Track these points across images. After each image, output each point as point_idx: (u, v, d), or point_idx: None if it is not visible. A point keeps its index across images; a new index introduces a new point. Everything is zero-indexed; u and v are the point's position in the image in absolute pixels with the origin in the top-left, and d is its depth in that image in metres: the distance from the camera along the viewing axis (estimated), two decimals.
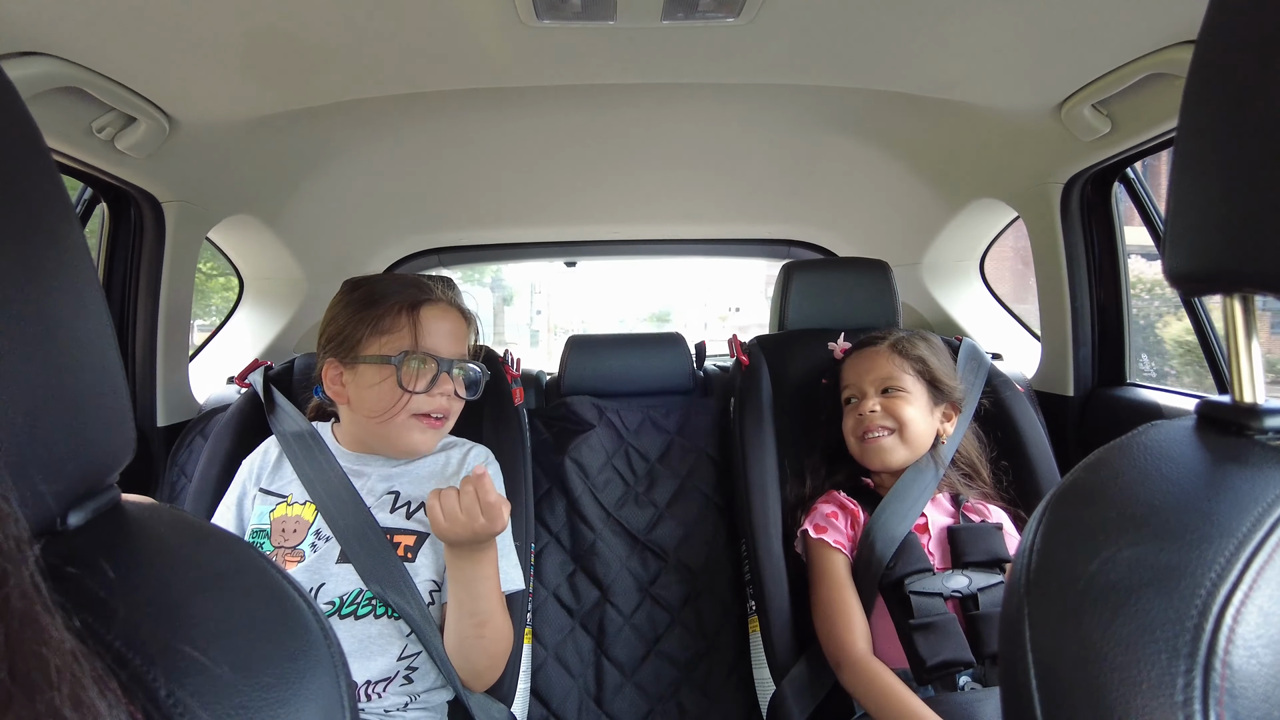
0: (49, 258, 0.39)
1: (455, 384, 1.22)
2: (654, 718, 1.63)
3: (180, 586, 0.42)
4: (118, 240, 1.60)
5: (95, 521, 0.44)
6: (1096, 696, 0.41)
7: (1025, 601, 0.46)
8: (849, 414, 1.45)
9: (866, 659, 1.21)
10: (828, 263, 2.18)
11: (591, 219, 2.25)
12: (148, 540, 0.45)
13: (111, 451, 0.44)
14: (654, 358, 1.96)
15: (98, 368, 0.42)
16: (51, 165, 0.41)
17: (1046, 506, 0.50)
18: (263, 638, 0.42)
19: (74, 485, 0.42)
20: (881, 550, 1.29)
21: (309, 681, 0.42)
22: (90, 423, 0.41)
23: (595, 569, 1.73)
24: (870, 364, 1.45)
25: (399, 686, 1.13)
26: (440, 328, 1.22)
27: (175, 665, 0.37)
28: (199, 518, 0.50)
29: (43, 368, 0.38)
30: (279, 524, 1.18)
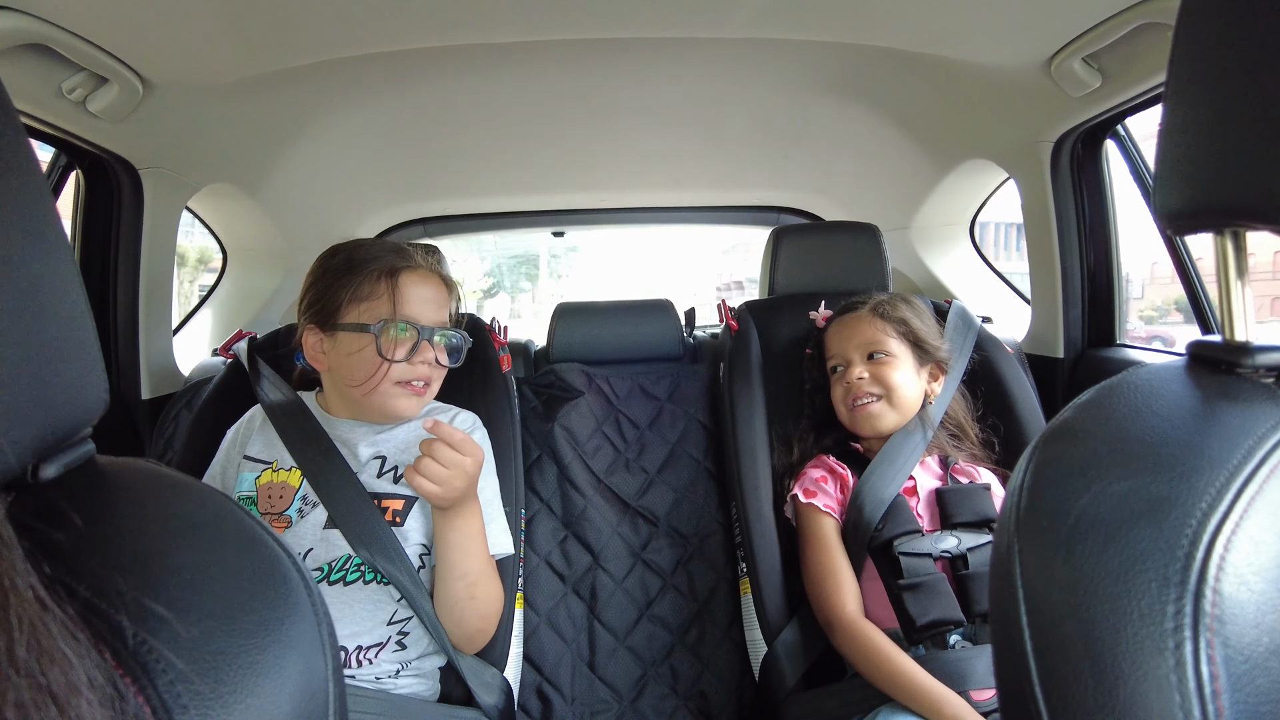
0: (6, 199, 0.37)
1: (436, 351, 1.20)
2: (647, 681, 1.65)
3: (154, 536, 0.42)
4: (95, 209, 1.58)
5: (69, 475, 0.43)
6: (1087, 628, 0.41)
7: (1015, 538, 0.46)
8: (836, 382, 1.45)
9: (857, 620, 1.21)
10: (817, 227, 2.16)
11: (579, 186, 2.23)
12: (122, 492, 0.44)
13: (83, 402, 0.42)
14: (643, 325, 1.96)
15: (65, 315, 0.41)
16: (6, 104, 0.39)
17: (1037, 445, 0.50)
18: (239, 586, 0.42)
19: (43, 435, 0.40)
20: (870, 513, 1.29)
21: (288, 628, 0.42)
22: (58, 371, 0.40)
23: (586, 535, 1.73)
24: (853, 330, 1.45)
25: (391, 653, 1.13)
26: (420, 294, 1.20)
27: (148, 613, 0.37)
28: (172, 470, 0.48)
29: (6, 311, 0.37)
30: (265, 490, 1.18)
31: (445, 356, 1.22)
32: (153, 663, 0.35)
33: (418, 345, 1.18)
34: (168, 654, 0.36)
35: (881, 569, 1.28)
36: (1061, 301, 1.77)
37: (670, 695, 1.64)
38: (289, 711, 0.40)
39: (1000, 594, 0.47)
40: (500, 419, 1.43)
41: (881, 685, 1.14)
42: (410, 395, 1.19)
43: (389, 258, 1.22)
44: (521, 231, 2.54)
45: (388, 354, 1.16)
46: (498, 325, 1.63)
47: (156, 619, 0.37)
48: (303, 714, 0.41)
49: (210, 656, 0.37)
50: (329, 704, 0.43)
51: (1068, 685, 0.41)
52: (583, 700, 1.63)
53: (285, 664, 0.40)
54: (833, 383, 1.46)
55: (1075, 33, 1.33)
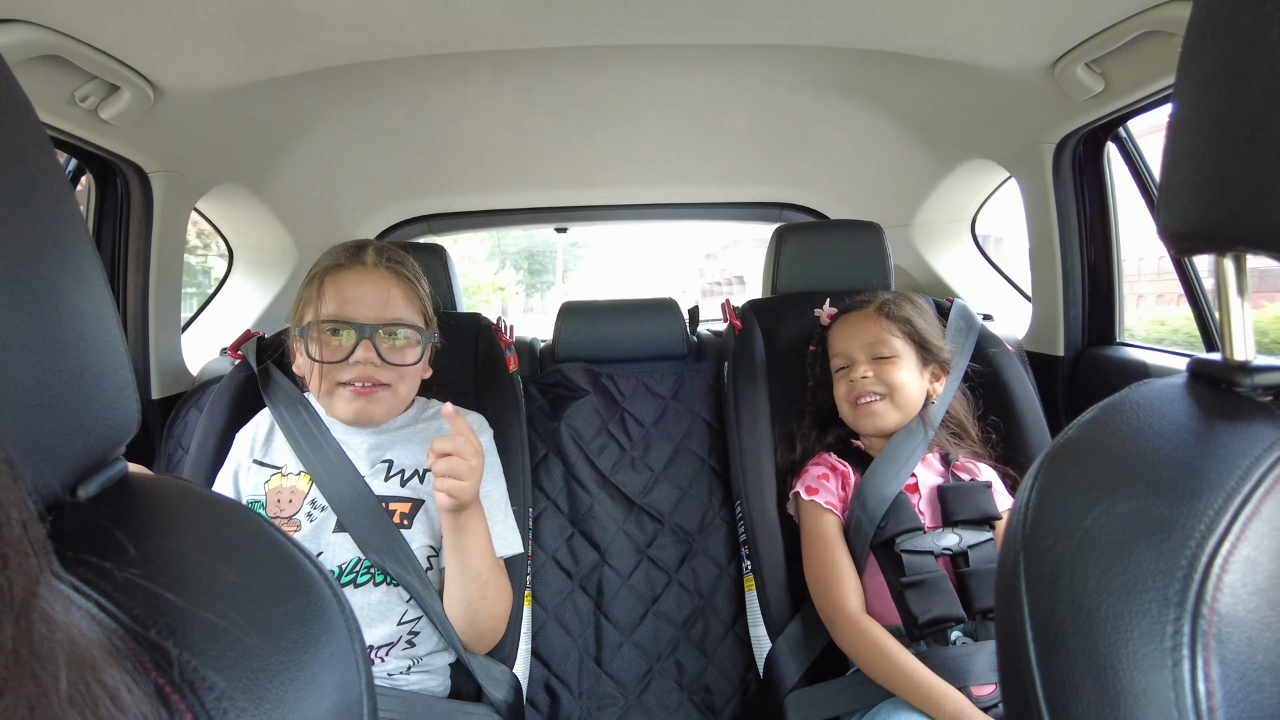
0: (46, 231, 0.38)
1: (383, 349, 1.18)
2: (653, 676, 1.66)
3: (193, 556, 0.43)
4: (105, 212, 1.58)
5: (105, 494, 0.44)
6: (1090, 646, 0.42)
7: (1021, 556, 0.48)
8: (840, 380, 1.45)
9: (859, 616, 1.23)
10: (820, 225, 2.17)
11: (582, 183, 2.23)
12: (158, 511, 0.45)
13: (117, 423, 0.43)
14: (647, 324, 1.96)
15: (99, 341, 0.42)
16: (44, 136, 0.40)
17: (1042, 464, 0.51)
18: (277, 603, 0.43)
19: (81, 459, 0.42)
20: (872, 510, 1.31)
21: (324, 645, 0.42)
22: (95, 395, 0.41)
23: (593, 532, 1.75)
24: (858, 329, 1.45)
25: (402, 651, 1.15)
26: (356, 293, 1.18)
27: (193, 632, 0.37)
28: (203, 488, 0.50)
29: (46, 342, 0.38)
30: (274, 495, 1.19)
31: (395, 354, 1.20)
32: (199, 681, 0.36)
33: (358, 344, 1.16)
34: (212, 673, 0.37)
35: (883, 566, 1.29)
36: (1062, 300, 1.78)
37: (675, 690, 1.65)
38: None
39: (1006, 608, 0.48)
40: (507, 418, 1.44)
41: (883, 681, 1.16)
42: (355, 398, 1.17)
43: (329, 259, 1.22)
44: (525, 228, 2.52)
45: (318, 354, 1.16)
46: (504, 324, 1.63)
47: (200, 638, 0.37)
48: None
49: (253, 674, 0.38)
50: (364, 716, 0.44)
51: (1071, 699, 0.43)
52: (589, 695, 1.64)
53: (323, 678, 0.41)
54: (836, 380, 1.47)
55: (1079, 39, 1.34)
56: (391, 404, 1.21)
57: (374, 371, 1.17)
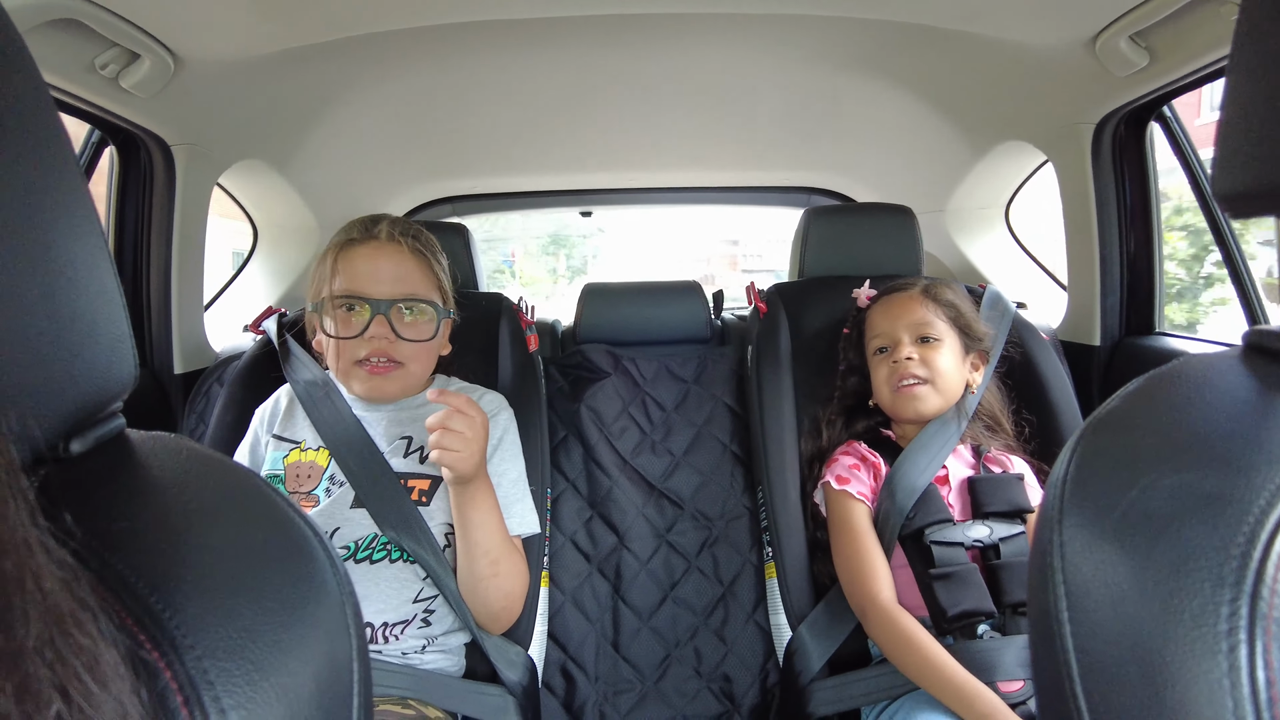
0: (37, 175, 0.38)
1: (398, 325, 1.17)
2: (670, 662, 1.65)
3: (182, 512, 0.42)
4: (128, 186, 1.59)
5: (98, 450, 0.43)
6: (1132, 627, 0.39)
7: (1058, 530, 0.45)
8: (881, 363, 1.41)
9: (892, 606, 1.20)
10: (849, 208, 2.14)
11: (607, 165, 2.22)
12: (151, 468, 0.44)
13: (112, 377, 0.43)
14: (670, 306, 1.95)
15: (94, 290, 0.41)
16: (42, 85, 0.39)
17: (1082, 435, 0.48)
18: (267, 564, 0.42)
19: (73, 411, 0.41)
20: (901, 501, 1.28)
21: (313, 607, 0.42)
22: (87, 345, 0.40)
23: (612, 515, 1.74)
24: (902, 309, 1.41)
25: (417, 629, 1.15)
26: (369, 268, 1.18)
27: (178, 589, 0.37)
28: (202, 446, 0.48)
29: (34, 288, 0.37)
30: (293, 470, 1.19)
31: (410, 330, 1.19)
32: (180, 639, 0.35)
33: (372, 320, 1.15)
34: (195, 631, 0.36)
35: (912, 558, 1.27)
36: (1100, 288, 1.73)
37: (693, 677, 1.64)
38: (313, 690, 0.40)
39: (1040, 588, 0.45)
40: (527, 399, 1.43)
41: (911, 674, 1.13)
42: (369, 377, 1.18)
43: (343, 234, 1.22)
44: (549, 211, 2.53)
45: (332, 330, 1.16)
46: (525, 305, 1.63)
47: (184, 595, 0.37)
48: (327, 692, 0.41)
49: (236, 634, 0.37)
50: (354, 684, 0.44)
51: (1111, 685, 0.40)
52: (606, 679, 1.64)
53: (310, 643, 0.40)
54: (875, 364, 1.43)
55: (1122, 9, 1.28)
56: (406, 382, 1.21)
57: (388, 347, 1.17)
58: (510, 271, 7.63)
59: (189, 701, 0.34)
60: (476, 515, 1.11)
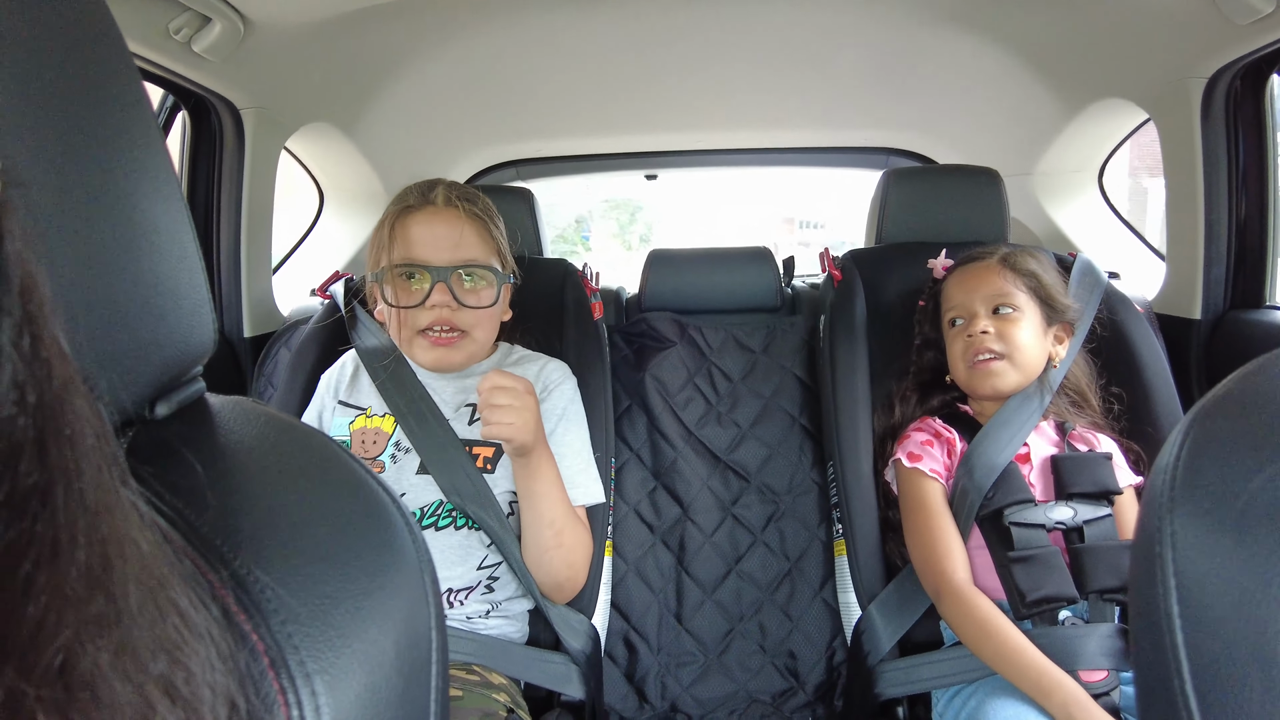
0: (123, 142, 0.39)
1: (459, 292, 1.19)
2: (734, 636, 1.68)
3: (266, 477, 0.43)
4: (199, 149, 1.65)
5: (181, 413, 0.45)
6: (1256, 630, 0.37)
7: (1169, 519, 0.43)
8: (956, 337, 1.39)
9: (967, 588, 1.19)
10: (932, 170, 2.08)
11: (673, 126, 2.21)
12: (232, 432, 0.46)
13: (193, 340, 0.44)
14: (739, 273, 1.94)
15: (174, 255, 0.42)
16: (125, 50, 0.41)
17: (1194, 419, 0.46)
18: (347, 530, 0.43)
19: (158, 375, 0.42)
20: (980, 480, 1.26)
21: (393, 575, 0.42)
22: (170, 310, 0.42)
23: (676, 486, 1.77)
24: (979, 280, 1.39)
25: (480, 595, 1.19)
26: (428, 234, 1.20)
27: (261, 553, 0.38)
28: (280, 413, 0.50)
29: (122, 253, 0.38)
30: (358, 435, 1.23)
31: (471, 297, 1.21)
32: (266, 603, 0.36)
33: (433, 288, 1.17)
34: (281, 595, 0.37)
35: (990, 539, 1.25)
36: (1204, 258, 1.66)
37: (758, 652, 1.67)
38: (393, 657, 0.40)
39: (1145, 580, 0.44)
40: (591, 367, 1.45)
41: (987, 659, 1.12)
42: (433, 348, 1.20)
43: (400, 201, 1.25)
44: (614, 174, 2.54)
45: (394, 300, 1.19)
46: (590, 271, 1.64)
47: (269, 560, 0.38)
48: (407, 659, 0.42)
49: (320, 600, 0.38)
50: (432, 651, 0.44)
51: (1228, 689, 0.38)
52: (669, 651, 1.68)
53: (391, 609, 0.41)
54: (950, 337, 1.41)
55: None
56: (471, 350, 1.24)
57: (450, 316, 1.19)
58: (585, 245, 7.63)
59: (275, 664, 0.35)
60: (539, 486, 1.13)
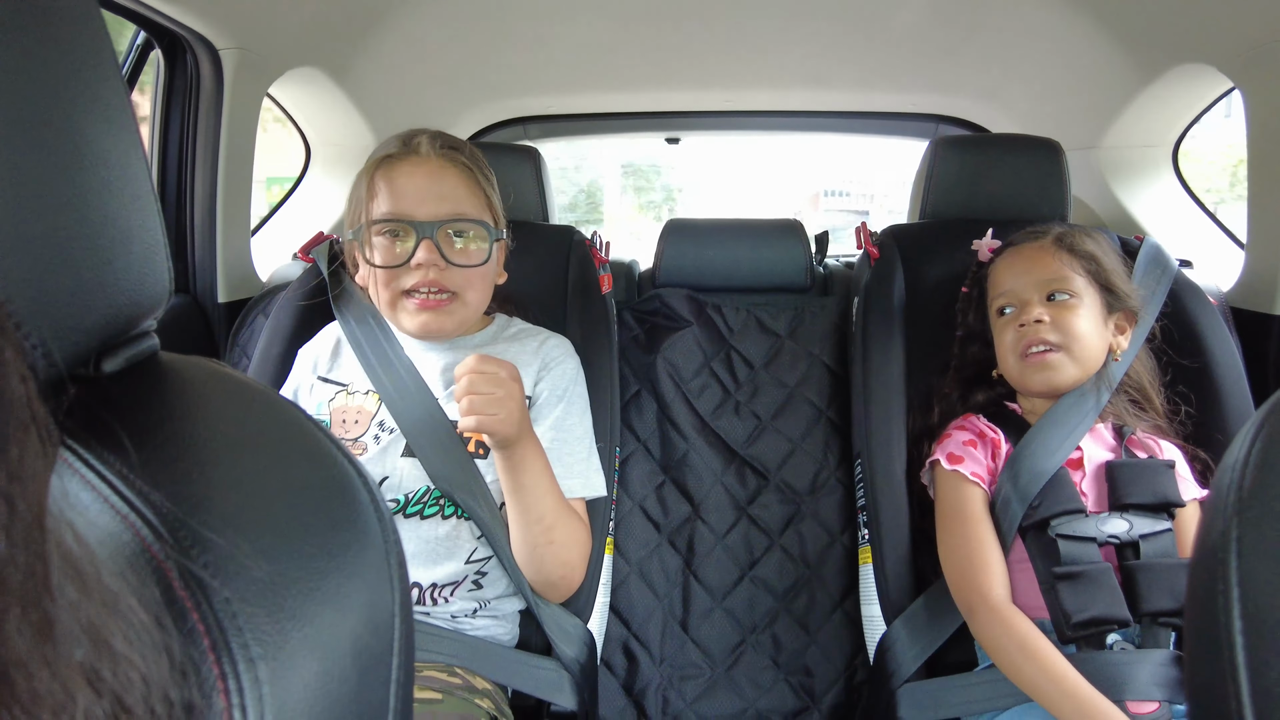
0: (71, 66, 0.38)
1: (446, 250, 1.16)
2: (745, 649, 1.65)
3: (217, 443, 0.42)
4: (174, 94, 1.61)
5: (131, 371, 0.44)
6: None
7: (1235, 523, 0.42)
8: (1005, 327, 1.34)
9: (1005, 606, 1.16)
10: (986, 139, 2.03)
11: (698, 84, 2.17)
12: (185, 392, 0.45)
13: (146, 288, 0.43)
14: (764, 248, 1.90)
15: (129, 193, 0.41)
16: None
17: (1267, 415, 0.45)
18: (304, 504, 0.42)
19: (104, 324, 0.41)
20: (1025, 486, 1.22)
21: (354, 554, 0.42)
22: (120, 252, 0.41)
23: (686, 482, 1.74)
24: (1032, 263, 1.34)
25: (467, 591, 1.16)
26: (411, 186, 1.17)
27: (208, 524, 0.37)
28: (240, 373, 0.49)
29: (65, 186, 0.37)
30: (339, 414, 1.21)
31: (460, 255, 1.18)
32: (208, 579, 0.35)
33: (418, 244, 1.14)
34: (225, 572, 0.36)
35: (1033, 553, 1.21)
36: None
37: (770, 667, 1.64)
38: (350, 645, 0.40)
39: (1205, 591, 0.42)
40: (597, 347, 1.42)
41: (1025, 685, 1.09)
42: (418, 312, 1.17)
43: (381, 150, 1.21)
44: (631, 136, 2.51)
45: (376, 259, 1.16)
46: (599, 240, 1.61)
47: (215, 533, 0.37)
48: (365, 648, 0.41)
49: (269, 578, 0.37)
50: (394, 641, 0.44)
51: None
52: (672, 662, 1.65)
53: (348, 593, 0.40)
54: (999, 327, 1.36)
55: None
56: (463, 315, 1.21)
57: (438, 276, 1.16)
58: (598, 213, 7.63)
59: (215, 646, 0.34)
60: (526, 479, 1.11)
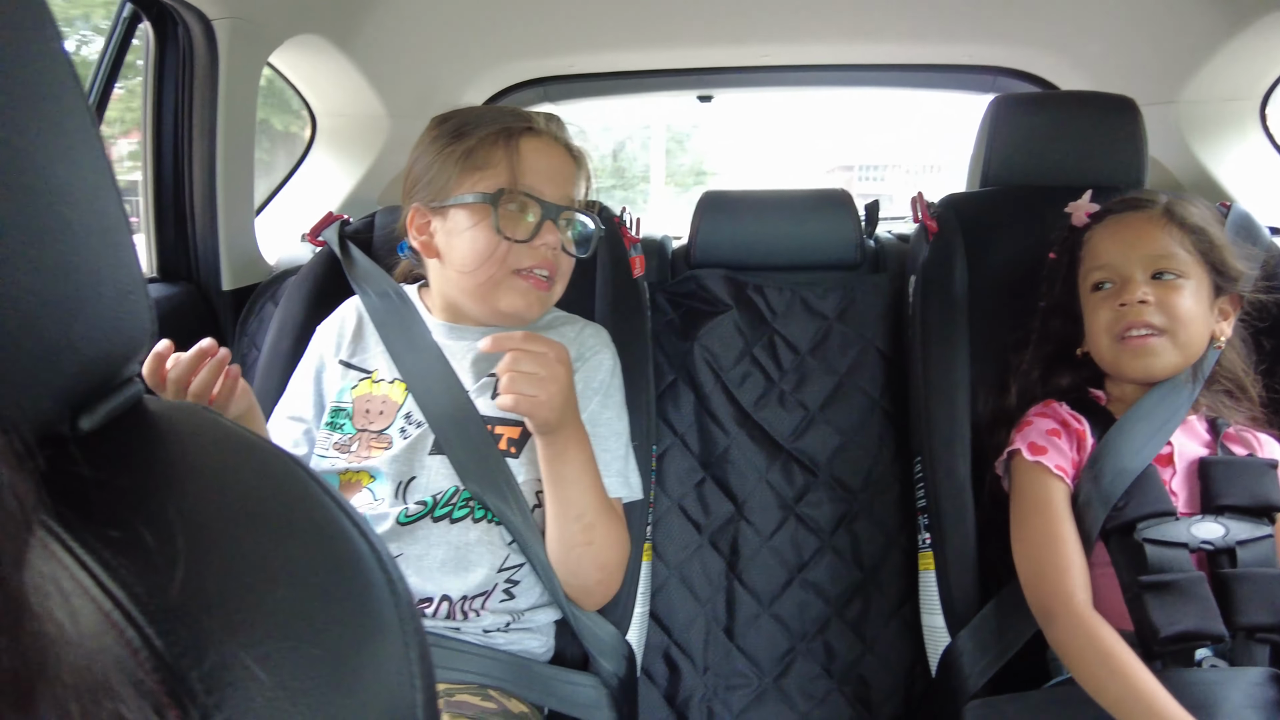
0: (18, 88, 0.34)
1: (563, 237, 1.19)
2: (795, 656, 1.64)
3: (211, 516, 0.38)
4: (165, 71, 1.57)
5: (112, 426, 0.41)
6: None
7: None
8: (1102, 304, 1.28)
9: (1088, 612, 1.12)
10: (1052, 97, 1.96)
11: (733, 38, 2.11)
12: (174, 452, 0.42)
13: (123, 334, 0.40)
14: (810, 222, 1.84)
15: (95, 229, 0.38)
16: None
17: None
18: (309, 591, 0.38)
19: (75, 382, 0.38)
20: (1109, 485, 1.18)
21: (369, 653, 0.38)
22: (89, 301, 0.37)
23: (728, 479, 1.71)
24: (1137, 235, 1.27)
25: (499, 603, 1.14)
26: (543, 164, 1.17)
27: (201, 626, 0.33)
28: (234, 423, 0.45)
29: (18, 232, 0.34)
30: (362, 403, 1.20)
31: (573, 245, 1.21)
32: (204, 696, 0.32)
33: (542, 223, 1.15)
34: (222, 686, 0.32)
35: (1116, 558, 1.17)
36: None
37: (822, 676, 1.62)
38: None
39: None
40: (630, 334, 1.40)
41: (1107, 701, 1.05)
42: (530, 291, 1.17)
43: (507, 120, 1.20)
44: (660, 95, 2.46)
45: (506, 230, 1.14)
46: (629, 217, 1.57)
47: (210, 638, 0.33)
48: None
49: (274, 692, 0.33)
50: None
51: None
52: (717, 671, 1.64)
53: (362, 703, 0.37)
54: (1093, 303, 1.30)
55: None
56: (551, 302, 1.23)
57: (557, 259, 1.18)
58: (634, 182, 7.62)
59: None
60: (567, 470, 1.10)
